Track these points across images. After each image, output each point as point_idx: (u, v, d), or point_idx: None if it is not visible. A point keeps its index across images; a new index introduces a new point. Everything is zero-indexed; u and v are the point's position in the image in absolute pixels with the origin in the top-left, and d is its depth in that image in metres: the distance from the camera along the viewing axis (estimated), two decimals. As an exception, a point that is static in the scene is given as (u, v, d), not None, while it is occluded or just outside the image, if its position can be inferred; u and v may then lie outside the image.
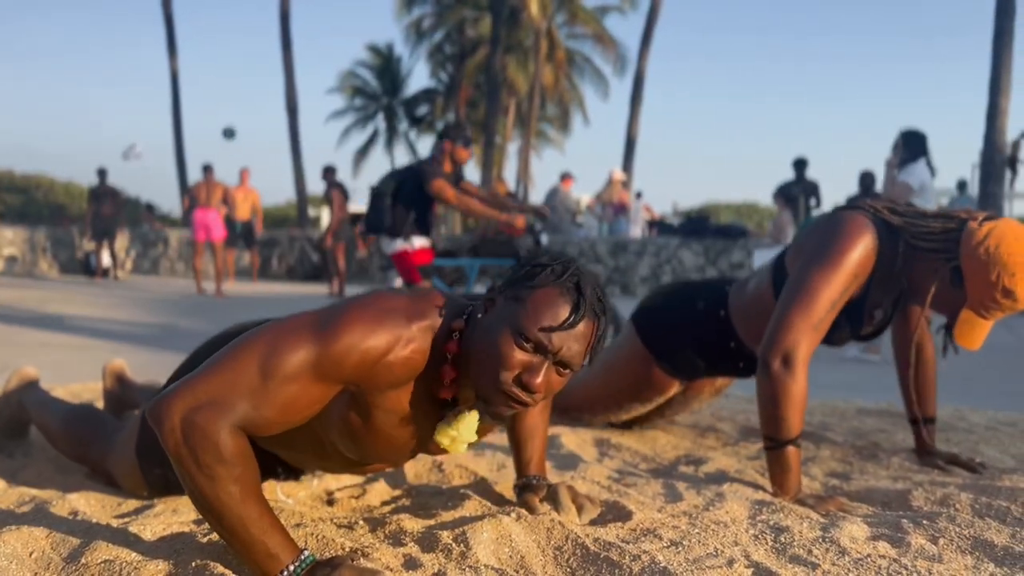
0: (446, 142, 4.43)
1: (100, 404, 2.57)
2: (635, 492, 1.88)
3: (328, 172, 9.98)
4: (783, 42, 72.08)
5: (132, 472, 1.71)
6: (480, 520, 1.50)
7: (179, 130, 19.43)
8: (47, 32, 73.27)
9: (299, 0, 73.39)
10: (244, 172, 11.68)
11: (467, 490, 1.82)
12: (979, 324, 1.90)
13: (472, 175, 31.29)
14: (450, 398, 1.36)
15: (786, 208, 7.81)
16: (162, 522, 1.54)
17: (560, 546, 1.45)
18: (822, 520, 1.67)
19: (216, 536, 1.42)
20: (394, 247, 4.47)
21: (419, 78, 67.72)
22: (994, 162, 11.19)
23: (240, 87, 78.56)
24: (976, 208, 5.92)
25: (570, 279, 1.27)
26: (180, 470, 1.21)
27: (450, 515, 1.63)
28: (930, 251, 1.94)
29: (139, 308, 7.62)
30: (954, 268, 1.91)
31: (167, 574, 1.30)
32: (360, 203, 15.97)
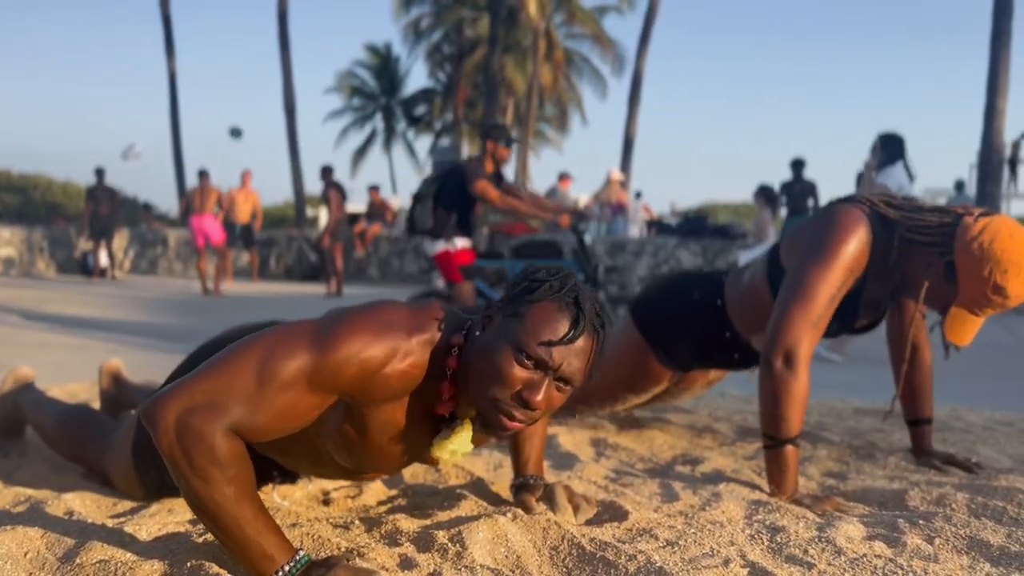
0: (488, 142, 4.39)
1: (97, 404, 2.56)
2: (631, 492, 1.88)
3: (326, 172, 9.99)
4: (781, 42, 72.33)
5: (128, 473, 1.70)
6: (476, 520, 1.50)
7: (177, 130, 19.45)
8: (46, 32, 73.41)
9: (297, 0, 73.37)
10: (246, 174, 11.67)
11: (463, 490, 1.82)
12: (970, 320, 1.89)
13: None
14: (448, 414, 1.35)
15: (766, 207, 7.82)
16: (157, 522, 1.54)
17: (556, 546, 1.45)
18: (818, 520, 1.67)
19: (211, 536, 1.42)
20: (436, 248, 4.46)
21: (417, 78, 67.90)
22: (992, 162, 11.21)
23: (238, 87, 78.78)
24: (974, 208, 5.90)
25: (569, 293, 1.27)
26: (174, 471, 1.21)
27: (446, 515, 1.63)
28: (925, 244, 1.94)
29: (136, 308, 7.61)
30: (948, 263, 1.90)
31: (162, 574, 1.30)
32: (358, 203, 15.98)
